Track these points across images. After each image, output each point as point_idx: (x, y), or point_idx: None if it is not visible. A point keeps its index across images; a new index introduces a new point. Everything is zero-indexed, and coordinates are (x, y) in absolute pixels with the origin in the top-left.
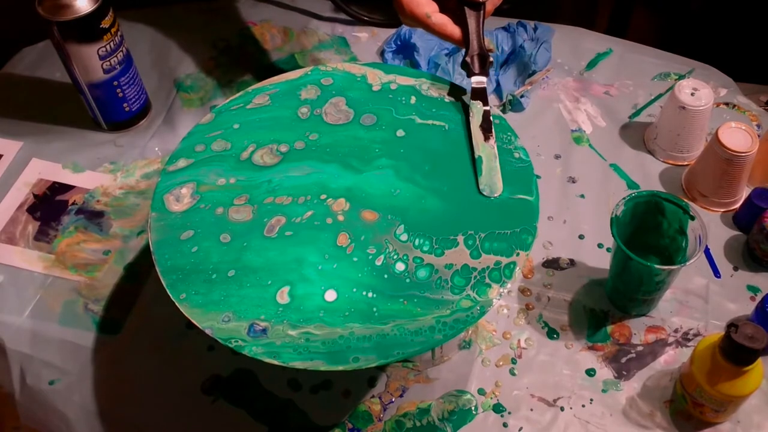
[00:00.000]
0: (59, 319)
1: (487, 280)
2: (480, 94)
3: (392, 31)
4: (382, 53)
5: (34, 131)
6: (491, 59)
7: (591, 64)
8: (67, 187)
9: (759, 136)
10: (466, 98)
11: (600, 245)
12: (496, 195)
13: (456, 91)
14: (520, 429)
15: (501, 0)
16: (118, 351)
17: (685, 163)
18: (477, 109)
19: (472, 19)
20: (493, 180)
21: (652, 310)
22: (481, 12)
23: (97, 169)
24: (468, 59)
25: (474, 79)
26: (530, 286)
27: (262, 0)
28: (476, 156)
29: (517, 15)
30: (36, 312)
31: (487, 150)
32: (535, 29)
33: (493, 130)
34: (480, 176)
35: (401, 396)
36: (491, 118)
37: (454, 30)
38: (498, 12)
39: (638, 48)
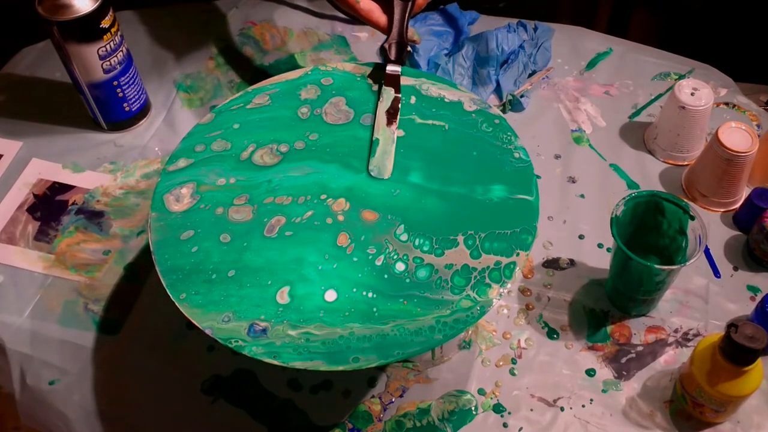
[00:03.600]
0: (59, 319)
1: (487, 280)
2: (393, 80)
3: None
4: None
5: (34, 131)
6: (409, 49)
7: (591, 64)
8: (67, 187)
9: (759, 136)
10: (383, 83)
11: (600, 245)
12: (384, 177)
13: (378, 73)
14: (520, 429)
15: None
16: (118, 351)
17: (685, 163)
18: (387, 94)
19: (398, 8)
20: (384, 162)
21: (652, 310)
22: (409, 3)
23: (97, 169)
24: (386, 46)
25: (389, 66)
26: (530, 286)
27: None
28: (374, 138)
29: (516, 15)
30: (36, 312)
31: (386, 134)
32: (535, 29)
33: (398, 117)
34: (372, 157)
35: (401, 396)
36: (399, 105)
37: (380, 17)
38: (498, 12)
39: (638, 48)
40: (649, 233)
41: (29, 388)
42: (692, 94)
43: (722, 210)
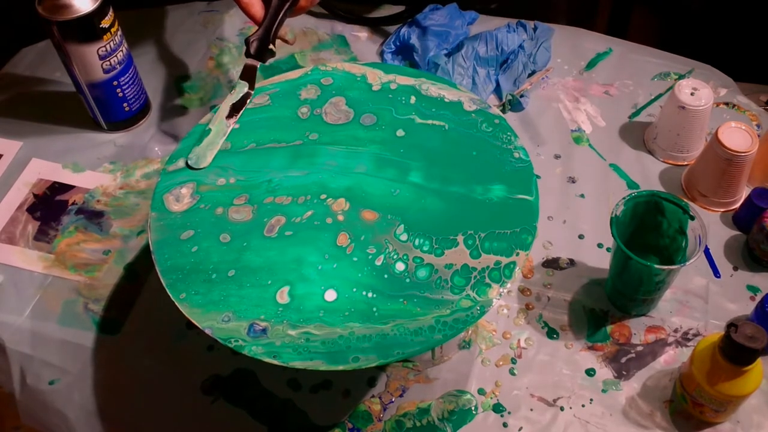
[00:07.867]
0: (59, 319)
1: (487, 280)
2: (249, 75)
3: (392, 30)
4: (381, 54)
5: (34, 131)
6: (272, 47)
7: (591, 64)
8: (67, 187)
9: (759, 136)
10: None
11: (600, 245)
12: (200, 167)
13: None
14: (520, 429)
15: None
16: (118, 351)
17: (685, 163)
18: (240, 88)
19: (273, 6)
20: (205, 153)
21: (652, 310)
22: (287, 3)
23: (97, 169)
24: (249, 40)
25: (247, 60)
26: (530, 286)
27: None
28: (207, 127)
29: (515, 15)
30: (36, 312)
31: (221, 127)
32: (535, 29)
33: (240, 113)
34: (197, 146)
35: (401, 396)
36: (248, 102)
37: (258, 11)
38: (497, 12)
39: (638, 48)
40: (649, 233)
41: (29, 388)
42: (692, 94)
43: (722, 210)
